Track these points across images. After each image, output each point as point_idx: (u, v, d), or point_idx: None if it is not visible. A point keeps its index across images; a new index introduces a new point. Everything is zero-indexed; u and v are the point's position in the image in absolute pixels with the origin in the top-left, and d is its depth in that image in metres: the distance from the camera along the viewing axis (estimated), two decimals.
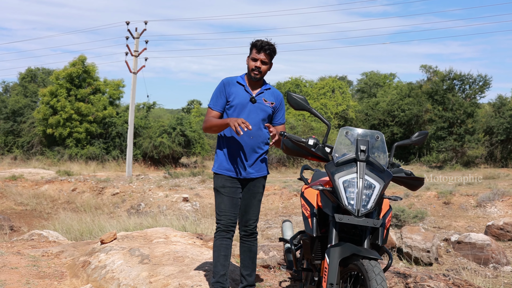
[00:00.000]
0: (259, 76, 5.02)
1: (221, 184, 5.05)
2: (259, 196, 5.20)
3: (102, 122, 38.66)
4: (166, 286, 5.34)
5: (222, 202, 5.04)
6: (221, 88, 5.09)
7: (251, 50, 5.05)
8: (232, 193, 5.04)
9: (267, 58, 5.01)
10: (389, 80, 55.43)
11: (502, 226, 16.07)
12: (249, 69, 5.03)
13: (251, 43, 5.06)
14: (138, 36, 32.18)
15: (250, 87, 5.10)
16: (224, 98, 5.06)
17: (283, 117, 5.23)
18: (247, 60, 5.08)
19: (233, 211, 5.05)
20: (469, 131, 39.39)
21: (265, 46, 4.97)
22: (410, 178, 4.31)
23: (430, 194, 21.53)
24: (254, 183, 5.14)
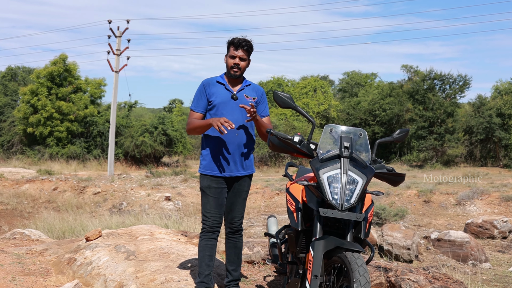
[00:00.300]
0: (238, 73, 5.07)
1: (207, 184, 5.08)
2: (245, 194, 5.24)
3: (83, 121, 38.49)
4: (153, 281, 5.41)
5: (208, 202, 5.07)
6: (201, 90, 5.13)
7: (228, 48, 5.09)
8: (218, 193, 5.07)
9: (245, 55, 5.05)
10: (370, 80, 55.71)
11: (481, 224, 16.26)
12: (228, 67, 5.07)
13: (227, 41, 5.10)
14: (120, 35, 32.12)
15: (230, 85, 5.13)
16: (205, 99, 5.09)
17: (266, 109, 5.25)
18: (225, 58, 5.13)
19: (219, 211, 5.08)
20: (449, 130, 39.73)
21: (242, 42, 5.02)
22: (392, 174, 4.43)
23: (411, 192, 21.73)
24: (240, 182, 5.17)
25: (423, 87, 41.24)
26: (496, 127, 37.63)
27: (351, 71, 57.17)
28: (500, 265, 12.79)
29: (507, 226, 16.12)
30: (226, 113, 5.00)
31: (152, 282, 5.39)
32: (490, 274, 11.65)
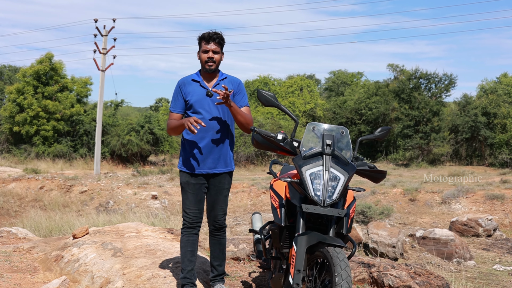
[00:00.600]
0: (214, 67, 5.06)
1: (185, 180, 5.12)
2: (226, 192, 5.24)
3: (69, 120, 38.38)
4: (140, 277, 5.48)
5: (187, 198, 5.11)
6: (177, 90, 5.16)
7: (200, 44, 5.09)
8: (196, 189, 5.10)
9: (218, 47, 5.05)
10: (356, 79, 55.85)
11: (466, 222, 16.38)
12: (203, 62, 5.07)
13: (198, 37, 5.11)
14: (107, 33, 32.08)
15: (206, 81, 5.14)
16: (181, 99, 5.12)
17: (243, 99, 5.21)
18: (198, 55, 5.13)
19: (198, 207, 5.12)
20: (434, 129, 39.88)
21: (213, 35, 5.02)
22: (373, 171, 4.52)
23: (396, 191, 21.85)
24: (219, 179, 5.17)
25: (409, 86, 41.40)
26: (481, 126, 37.83)
27: (337, 70, 57.35)
28: (484, 263, 12.91)
29: (492, 224, 16.25)
30: (204, 111, 5.04)
31: (139, 278, 5.46)
32: (474, 271, 11.77)
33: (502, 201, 19.46)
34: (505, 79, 45.16)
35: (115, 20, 32.14)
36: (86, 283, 5.76)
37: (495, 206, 19.45)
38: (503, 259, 13.32)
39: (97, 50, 31.98)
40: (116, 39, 32.23)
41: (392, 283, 5.48)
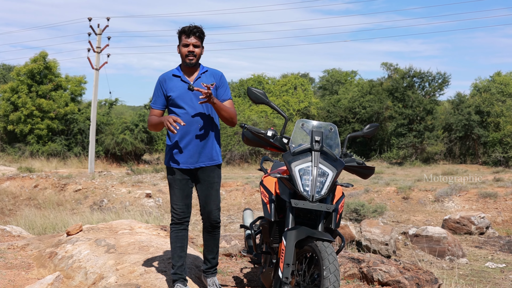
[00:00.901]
0: (194, 61, 5.02)
1: (172, 176, 5.10)
2: (216, 185, 5.19)
3: (63, 119, 38.39)
4: (132, 272, 5.54)
5: (174, 194, 5.09)
6: (158, 87, 5.14)
7: (180, 38, 5.06)
8: (183, 185, 5.08)
9: (198, 41, 5.02)
10: (350, 78, 55.91)
11: (459, 219, 16.46)
12: (183, 56, 5.04)
13: (178, 31, 5.09)
14: (101, 32, 32.10)
15: (187, 75, 5.10)
16: (162, 96, 5.10)
17: (226, 93, 5.17)
18: (178, 49, 5.10)
19: (185, 202, 5.11)
20: (428, 127, 39.97)
21: (193, 29, 5.00)
22: (361, 167, 4.60)
23: (390, 189, 21.93)
24: (207, 173, 5.13)
25: (403, 84, 41.49)
26: (475, 125, 37.92)
27: (331, 68, 57.36)
28: (477, 260, 13.00)
29: (484, 222, 16.34)
30: (186, 105, 5.01)
31: (132, 274, 5.52)
32: (466, 269, 11.86)
33: (495, 199, 19.56)
34: (498, 78, 45.27)
35: (109, 19, 32.20)
36: (79, 279, 5.82)
37: (488, 204, 19.54)
38: (496, 256, 13.42)
39: (91, 49, 32.01)
40: (110, 37, 32.28)
41: (381, 278, 5.56)
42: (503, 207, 19.13)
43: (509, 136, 36.43)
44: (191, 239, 7.60)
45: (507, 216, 18.60)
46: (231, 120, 5.07)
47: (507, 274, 11.46)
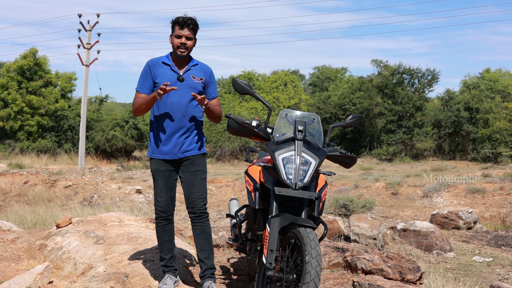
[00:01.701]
0: (186, 53, 4.93)
1: (155, 168, 5.02)
2: (201, 174, 5.08)
3: (54, 115, 38.33)
4: (121, 262, 5.63)
5: (158, 186, 5.01)
6: (146, 71, 5.01)
7: (173, 28, 4.95)
8: (167, 176, 5.00)
9: (191, 33, 4.92)
10: (340, 74, 56.09)
11: (447, 214, 16.60)
12: (175, 47, 4.93)
13: (171, 21, 4.97)
14: (91, 28, 32.07)
15: (177, 65, 5.00)
16: (150, 80, 4.97)
17: (215, 91, 5.14)
18: (170, 39, 4.98)
19: (169, 194, 5.02)
20: (418, 124, 40.14)
21: (188, 21, 4.88)
22: (344, 157, 4.69)
23: (379, 185, 22.05)
24: (191, 162, 5.04)
25: (392, 81, 41.64)
26: (464, 121, 38.10)
27: (321, 65, 57.54)
28: (464, 255, 13.13)
29: (472, 217, 16.48)
30: (172, 95, 4.92)
31: (120, 263, 5.61)
32: (454, 262, 11.99)
33: (483, 195, 19.71)
34: (487, 75, 45.49)
35: (99, 15, 32.15)
36: (69, 269, 5.90)
37: (476, 200, 19.68)
38: (483, 250, 13.55)
39: (81, 45, 31.99)
40: (100, 34, 32.24)
41: (365, 266, 5.67)
42: (491, 202, 19.27)
43: (498, 133, 36.65)
44: (179, 231, 7.67)
45: (494, 212, 18.75)
46: (218, 118, 5.08)
47: (494, 268, 11.60)
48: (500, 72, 47.29)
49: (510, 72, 49.22)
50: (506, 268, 11.56)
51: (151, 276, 5.34)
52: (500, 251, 13.62)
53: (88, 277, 5.48)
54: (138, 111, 5.02)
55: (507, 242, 14.46)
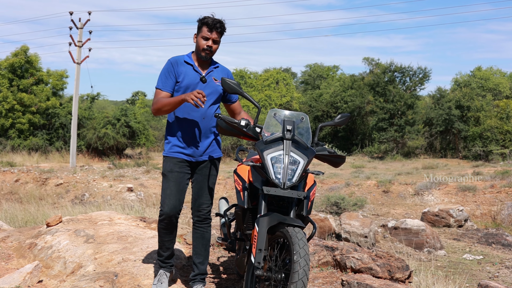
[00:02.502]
0: (210, 56, 4.85)
1: (169, 168, 4.87)
2: (213, 178, 5.05)
3: (45, 113, 38.26)
4: (110, 261, 5.63)
5: (168, 187, 4.85)
6: (169, 68, 4.85)
7: (200, 28, 4.82)
8: (180, 178, 4.86)
9: (219, 37, 4.83)
10: (332, 72, 56.25)
11: (438, 212, 16.65)
12: (200, 48, 4.82)
13: (200, 20, 4.83)
14: (82, 26, 32.00)
15: (199, 66, 4.90)
16: (173, 78, 4.84)
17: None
18: (195, 38, 4.88)
19: (179, 197, 4.86)
20: (409, 122, 40.30)
21: (217, 24, 4.77)
22: (333, 156, 4.70)
23: (370, 183, 22.12)
24: (206, 165, 4.99)
25: (384, 79, 41.80)
26: (455, 119, 38.28)
27: (313, 63, 57.71)
28: (454, 252, 13.17)
29: (463, 215, 16.54)
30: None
31: (110, 262, 5.61)
32: (444, 260, 12.03)
33: (474, 193, 19.78)
34: (479, 73, 45.74)
35: (90, 13, 32.09)
36: (58, 268, 5.90)
37: (467, 198, 19.76)
38: (473, 248, 13.59)
39: (73, 43, 31.92)
40: (91, 31, 32.20)
41: (354, 265, 5.69)
42: (482, 200, 19.36)
43: (489, 131, 36.83)
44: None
45: (485, 209, 18.83)
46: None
47: (484, 265, 11.64)
48: (491, 70, 47.56)
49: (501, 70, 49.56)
50: (496, 266, 11.61)
51: (141, 275, 5.34)
52: (490, 249, 13.67)
53: (78, 276, 5.49)
54: (160, 111, 4.84)
55: (498, 240, 14.51)
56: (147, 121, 41.55)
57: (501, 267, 11.59)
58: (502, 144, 36.39)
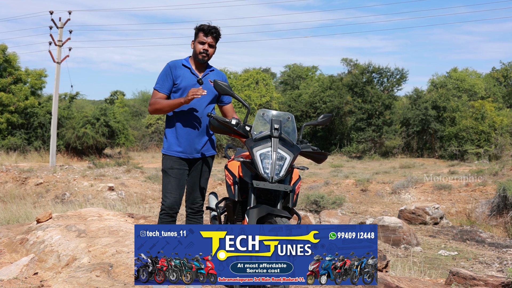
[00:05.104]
0: (206, 59, 5.17)
1: (170, 165, 5.17)
2: (207, 174, 5.37)
3: (23, 112, 38.01)
4: (104, 253, 5.86)
5: (169, 183, 5.16)
6: (167, 71, 5.18)
7: (197, 34, 5.18)
8: (180, 174, 5.18)
9: (214, 41, 5.17)
10: (311, 73, 56.48)
11: (414, 210, 16.98)
12: (197, 52, 5.15)
13: (196, 27, 5.19)
14: (62, 26, 31.97)
15: (196, 69, 5.22)
16: (171, 81, 5.16)
17: (228, 96, 5.38)
18: (192, 44, 5.22)
19: (179, 192, 5.18)
20: (386, 122, 40.64)
21: (212, 29, 5.12)
22: (316, 153, 5.04)
23: (349, 182, 22.40)
24: (201, 162, 5.30)
25: (362, 80, 42.14)
26: (431, 119, 38.63)
27: (292, 64, 57.84)
28: (430, 249, 13.48)
29: (439, 212, 16.87)
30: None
31: (104, 254, 5.85)
32: (420, 256, 12.33)
33: (450, 191, 20.14)
34: (454, 74, 46.25)
35: (71, 12, 32.07)
36: (52, 261, 6.12)
37: (442, 196, 20.10)
38: (448, 245, 13.91)
39: (53, 42, 31.88)
40: (71, 31, 32.17)
41: None
42: (457, 198, 19.71)
43: (464, 131, 37.26)
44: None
45: (460, 207, 19.19)
46: None
47: (459, 261, 11.97)
48: (467, 72, 48.14)
49: (476, 71, 50.22)
50: (470, 261, 11.94)
51: None
52: (465, 245, 14.01)
53: (73, 268, 5.71)
54: (158, 111, 5.20)
55: (472, 236, 14.87)
56: (127, 121, 41.45)
57: (475, 262, 11.94)
58: (477, 144, 36.82)
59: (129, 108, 50.96)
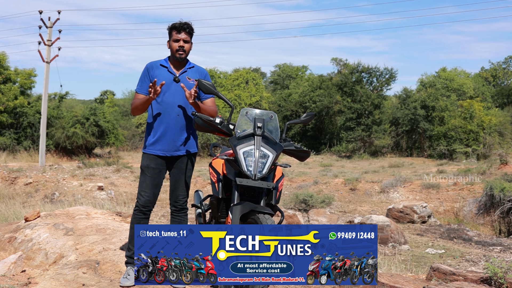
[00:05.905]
0: (184, 56, 5.22)
1: (146, 164, 5.26)
2: (189, 172, 5.40)
3: (13, 112, 37.92)
4: (91, 251, 5.92)
5: (144, 181, 5.24)
6: (145, 73, 5.29)
7: (170, 34, 5.25)
8: (156, 173, 5.25)
9: (188, 37, 5.22)
10: (301, 72, 56.55)
11: (402, 209, 17.08)
12: (173, 51, 5.21)
13: (168, 27, 5.26)
14: (52, 25, 31.93)
15: (174, 68, 5.28)
16: (148, 82, 5.22)
17: None
18: (168, 44, 5.29)
19: (153, 191, 5.25)
20: (376, 122, 40.76)
21: (184, 25, 5.19)
22: (298, 151, 5.12)
23: (338, 181, 22.48)
24: (182, 160, 5.33)
25: (351, 79, 42.26)
26: (420, 119, 38.79)
27: (282, 63, 57.97)
28: (418, 247, 13.58)
29: (426, 211, 16.99)
30: (169, 95, 5.20)
31: (91, 252, 5.91)
32: (408, 254, 12.42)
33: (438, 190, 20.25)
34: (443, 73, 46.43)
35: (60, 12, 32.01)
36: (40, 259, 6.17)
37: (431, 195, 20.21)
38: (436, 243, 14.02)
39: (42, 42, 31.82)
40: (61, 31, 32.12)
41: None
42: (445, 197, 19.82)
43: (453, 130, 37.46)
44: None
45: (448, 206, 19.30)
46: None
47: (446, 259, 12.07)
48: (456, 71, 48.34)
49: (465, 71, 50.47)
50: (457, 260, 12.04)
51: (121, 262, 5.63)
52: (452, 243, 14.13)
53: (60, 265, 5.77)
54: (135, 110, 5.31)
55: (459, 235, 14.99)
56: (116, 120, 41.44)
57: (462, 260, 12.04)
58: (466, 143, 37.01)
59: (119, 108, 50.87)
